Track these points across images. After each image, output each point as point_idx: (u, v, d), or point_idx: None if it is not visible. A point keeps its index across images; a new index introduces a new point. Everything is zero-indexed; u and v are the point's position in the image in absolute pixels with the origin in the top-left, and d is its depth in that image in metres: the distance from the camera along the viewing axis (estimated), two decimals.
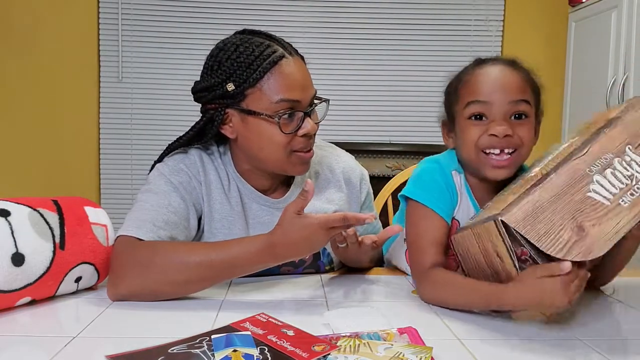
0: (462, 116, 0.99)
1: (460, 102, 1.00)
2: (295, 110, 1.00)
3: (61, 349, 0.70)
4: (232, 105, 1.02)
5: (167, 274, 0.90)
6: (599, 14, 2.48)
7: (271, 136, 1.00)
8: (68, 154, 3.04)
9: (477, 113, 0.97)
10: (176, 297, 0.92)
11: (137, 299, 0.91)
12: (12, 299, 0.84)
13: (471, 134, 0.97)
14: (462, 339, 0.77)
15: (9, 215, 0.84)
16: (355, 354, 0.66)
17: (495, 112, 0.96)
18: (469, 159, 1.00)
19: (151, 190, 1.01)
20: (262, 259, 0.90)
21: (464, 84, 1.00)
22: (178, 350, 0.68)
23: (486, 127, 0.96)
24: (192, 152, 1.07)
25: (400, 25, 3.13)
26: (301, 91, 1.01)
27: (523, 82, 0.98)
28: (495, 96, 0.96)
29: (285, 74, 1.00)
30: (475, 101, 0.97)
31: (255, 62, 0.99)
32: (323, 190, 1.15)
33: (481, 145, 0.97)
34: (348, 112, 3.09)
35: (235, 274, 0.94)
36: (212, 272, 0.90)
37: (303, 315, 0.86)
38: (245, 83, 0.99)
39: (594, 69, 2.48)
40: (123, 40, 3.04)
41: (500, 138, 0.94)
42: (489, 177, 0.99)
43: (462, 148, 1.01)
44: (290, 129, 1.00)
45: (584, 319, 0.89)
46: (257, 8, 3.07)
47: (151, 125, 3.08)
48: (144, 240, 0.93)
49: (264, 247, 0.88)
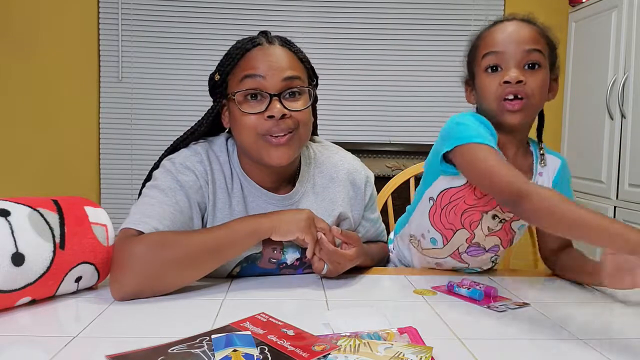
0: (480, 69, 1.06)
1: (478, 56, 1.06)
2: (258, 90, 1.02)
3: (61, 349, 0.70)
4: (221, 94, 1.07)
5: (168, 252, 0.92)
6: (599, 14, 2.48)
7: (240, 118, 1.03)
8: (68, 154, 3.04)
9: (493, 64, 1.04)
10: (181, 285, 0.94)
11: (142, 291, 0.91)
12: (12, 299, 0.84)
13: (489, 85, 1.04)
14: (462, 338, 0.77)
15: (9, 215, 0.84)
16: (355, 354, 0.66)
17: (509, 61, 1.02)
18: (489, 108, 1.06)
19: (158, 186, 1.01)
20: (250, 219, 0.99)
21: (482, 39, 1.08)
22: (178, 350, 0.68)
23: (501, 78, 1.03)
24: (199, 149, 1.07)
25: (400, 25, 3.13)
26: (267, 70, 1.02)
27: (536, 33, 1.05)
28: (508, 46, 1.02)
29: (254, 56, 1.04)
30: (490, 52, 1.04)
31: (235, 51, 1.05)
32: (327, 191, 1.15)
33: (497, 93, 1.03)
34: (348, 112, 3.09)
35: (233, 240, 0.97)
36: (210, 242, 0.95)
37: (303, 315, 0.86)
38: (225, 70, 1.05)
39: (594, 69, 2.48)
40: (123, 40, 3.04)
41: (513, 84, 1.00)
42: (506, 122, 1.04)
43: (482, 101, 1.08)
44: (254, 110, 1.02)
45: (584, 319, 0.89)
46: (257, 8, 3.07)
47: (151, 125, 3.08)
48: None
49: (255, 215, 1.01)
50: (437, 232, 1.14)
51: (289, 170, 1.11)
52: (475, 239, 1.13)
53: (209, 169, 1.05)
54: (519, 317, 0.88)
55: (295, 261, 1.10)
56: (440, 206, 1.12)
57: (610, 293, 1.03)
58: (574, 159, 2.64)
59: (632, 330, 0.85)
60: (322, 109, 1.22)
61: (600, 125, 2.41)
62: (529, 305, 0.93)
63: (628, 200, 2.24)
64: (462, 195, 1.09)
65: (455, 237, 1.13)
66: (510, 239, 1.16)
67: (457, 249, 1.14)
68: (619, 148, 2.30)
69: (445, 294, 0.99)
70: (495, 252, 1.16)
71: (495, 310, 0.90)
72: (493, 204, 1.08)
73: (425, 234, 1.17)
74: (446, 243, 1.14)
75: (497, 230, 1.12)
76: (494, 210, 1.10)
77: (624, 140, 2.27)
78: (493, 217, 1.11)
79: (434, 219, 1.14)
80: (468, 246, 1.14)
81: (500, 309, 0.91)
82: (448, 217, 1.12)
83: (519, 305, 0.93)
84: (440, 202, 1.12)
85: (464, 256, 1.15)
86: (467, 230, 1.12)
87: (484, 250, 1.15)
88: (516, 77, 1.00)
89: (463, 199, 1.09)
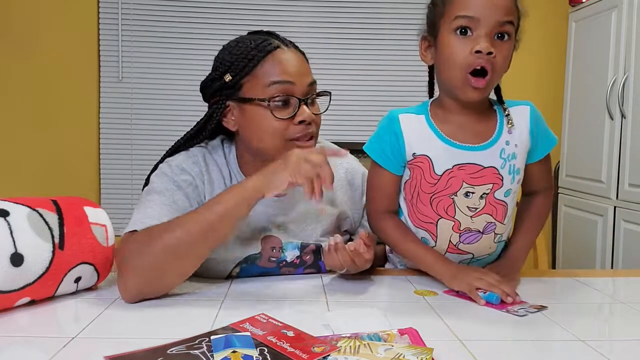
0: (447, 29, 0.99)
1: (446, 15, 0.99)
2: (289, 95, 1.01)
3: (60, 349, 0.70)
4: (231, 96, 1.04)
5: (159, 242, 0.90)
6: (599, 14, 2.48)
7: (266, 123, 1.01)
8: (68, 154, 3.04)
9: (464, 26, 0.97)
10: (182, 276, 0.93)
11: (143, 289, 0.90)
12: (11, 300, 0.84)
13: (456, 49, 0.97)
14: (462, 339, 0.76)
15: (8, 215, 0.84)
16: (355, 355, 0.65)
17: (482, 29, 0.96)
18: (449, 76, 1.00)
19: (155, 189, 1.01)
20: (233, 188, 0.96)
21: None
22: (177, 351, 0.68)
23: (471, 44, 0.96)
24: (195, 151, 1.08)
25: (400, 25, 3.13)
26: (295, 76, 1.02)
27: (512, 3, 0.98)
28: (484, 12, 0.96)
29: (278, 60, 1.02)
30: (464, 15, 0.97)
31: (252, 52, 1.02)
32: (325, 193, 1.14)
33: (466, 62, 0.96)
34: (348, 112, 3.09)
35: (223, 214, 0.93)
36: (201, 221, 0.92)
37: (303, 316, 0.86)
38: (242, 72, 1.02)
39: (594, 69, 2.48)
40: (123, 40, 3.03)
41: (484, 54, 0.95)
42: (465, 97, 0.99)
43: (443, 64, 1.01)
44: (284, 115, 1.01)
45: (584, 319, 0.89)
46: (257, 8, 3.07)
47: (151, 125, 3.08)
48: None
49: (239, 182, 0.98)
50: (421, 229, 1.08)
51: None
52: (463, 225, 1.05)
53: (205, 170, 1.05)
54: (519, 319, 0.87)
55: (295, 259, 1.10)
56: (409, 201, 1.08)
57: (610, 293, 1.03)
58: (574, 159, 2.64)
59: (632, 330, 0.85)
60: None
61: (600, 125, 2.40)
62: (546, 308, 0.91)
63: (628, 200, 2.24)
64: (416, 184, 1.05)
65: (440, 229, 1.06)
66: (503, 211, 1.06)
67: (450, 241, 1.07)
68: (619, 148, 2.30)
69: (445, 294, 0.99)
70: (492, 230, 1.07)
71: (515, 314, 0.88)
72: (455, 183, 1.02)
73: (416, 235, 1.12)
74: (436, 239, 1.08)
75: (481, 207, 1.04)
76: (463, 188, 1.02)
77: (624, 140, 2.27)
78: (466, 195, 1.03)
79: (411, 216, 1.09)
80: (459, 235, 1.06)
81: (520, 313, 0.89)
82: (420, 210, 1.06)
83: (537, 309, 0.90)
84: (410, 199, 1.08)
85: (461, 246, 1.07)
86: (447, 218, 1.04)
87: (479, 233, 1.06)
88: (487, 47, 0.95)
89: (419, 187, 1.05)
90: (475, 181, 1.02)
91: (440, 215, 1.05)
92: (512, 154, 1.03)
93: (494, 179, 1.02)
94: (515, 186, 1.06)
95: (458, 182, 1.02)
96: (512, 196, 1.06)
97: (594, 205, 2.44)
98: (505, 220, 1.07)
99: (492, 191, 1.03)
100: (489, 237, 1.07)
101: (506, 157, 1.03)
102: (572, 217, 2.64)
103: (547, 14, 2.97)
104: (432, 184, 1.03)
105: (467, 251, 1.09)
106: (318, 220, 1.12)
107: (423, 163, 1.03)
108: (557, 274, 1.33)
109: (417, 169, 1.04)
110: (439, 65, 1.03)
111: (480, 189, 1.02)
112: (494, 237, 1.08)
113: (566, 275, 1.17)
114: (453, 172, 1.01)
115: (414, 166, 1.04)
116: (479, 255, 1.10)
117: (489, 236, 1.07)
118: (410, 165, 1.05)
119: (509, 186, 1.04)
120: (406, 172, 1.07)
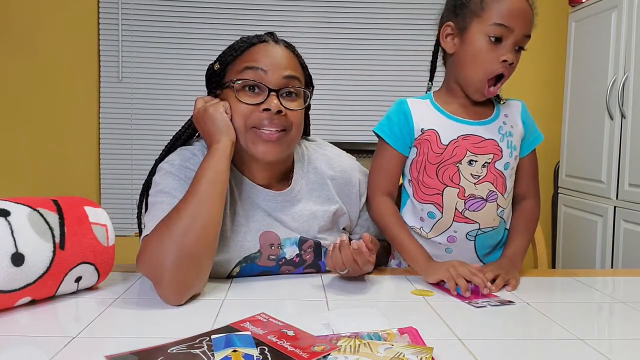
0: (480, 31, 1.06)
1: (485, 17, 1.05)
2: (257, 82, 1.03)
3: (61, 349, 0.70)
4: (217, 84, 1.08)
5: (170, 227, 0.91)
6: (599, 14, 2.48)
7: (234, 106, 1.04)
8: (68, 154, 3.04)
9: (500, 36, 1.04)
10: (210, 248, 0.94)
11: (182, 278, 0.89)
12: (12, 299, 0.84)
13: (486, 54, 1.05)
14: (462, 339, 0.76)
15: (8, 215, 0.84)
16: (355, 354, 0.66)
17: (511, 39, 1.04)
18: (470, 75, 1.09)
19: (163, 190, 1.02)
20: (207, 157, 0.99)
21: (495, 1, 1.05)
22: (178, 350, 0.68)
23: (500, 52, 1.05)
24: (194, 150, 1.08)
25: (400, 25, 3.13)
26: (270, 65, 1.03)
27: (533, 17, 1.06)
28: (517, 24, 1.04)
29: (258, 50, 1.05)
30: (501, 24, 1.03)
31: (239, 44, 1.07)
32: (322, 188, 1.15)
33: (491, 68, 1.05)
34: (348, 112, 3.08)
35: (216, 175, 0.97)
36: (200, 187, 0.95)
37: (303, 316, 0.86)
38: (226, 60, 1.07)
39: (594, 69, 2.48)
40: (123, 40, 3.04)
41: (508, 65, 1.05)
42: (474, 96, 1.11)
43: (466, 61, 1.09)
44: (250, 101, 1.03)
45: (584, 319, 0.89)
46: (257, 8, 3.07)
47: (151, 125, 3.08)
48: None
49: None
50: (427, 203, 1.14)
51: (281, 167, 1.12)
52: (468, 191, 1.11)
53: None
54: (519, 318, 0.88)
55: (295, 257, 1.10)
56: (416, 179, 1.15)
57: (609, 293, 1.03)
58: (574, 159, 2.64)
59: (632, 330, 0.85)
60: (320, 109, 1.23)
61: (600, 125, 2.40)
62: (513, 304, 0.94)
63: (628, 200, 2.24)
64: (423, 158, 1.13)
65: (446, 198, 1.12)
66: (502, 183, 1.13)
67: (456, 209, 1.12)
68: (619, 148, 2.30)
69: (446, 294, 0.99)
70: (494, 199, 1.13)
71: (474, 306, 0.92)
72: (459, 152, 1.10)
73: (423, 215, 1.16)
74: (441, 209, 1.13)
75: (483, 175, 1.11)
76: (467, 157, 1.10)
77: (624, 140, 2.27)
78: (470, 163, 1.11)
79: (416, 195, 1.15)
80: (465, 202, 1.12)
81: (480, 304, 0.93)
82: (426, 184, 1.13)
83: (501, 303, 0.94)
84: (416, 177, 1.15)
85: (467, 214, 1.12)
86: (452, 185, 1.11)
87: (483, 200, 1.12)
88: (512, 59, 1.05)
89: (426, 160, 1.13)
90: (478, 150, 1.11)
91: (445, 184, 1.12)
92: (509, 131, 1.14)
93: (494, 150, 1.12)
94: (512, 162, 1.15)
95: (462, 151, 1.10)
96: (510, 172, 1.15)
97: (594, 205, 2.44)
98: (505, 195, 1.15)
99: (493, 161, 1.12)
100: (492, 205, 1.13)
101: (504, 133, 1.14)
102: (572, 217, 2.64)
103: (547, 14, 2.96)
104: (439, 153, 1.11)
105: (473, 219, 1.14)
106: (315, 217, 1.12)
107: (430, 136, 1.12)
108: (557, 273, 1.34)
109: (424, 142, 1.13)
110: (460, 59, 1.11)
111: (482, 158, 1.11)
112: (497, 209, 1.14)
113: (566, 275, 1.17)
114: (458, 141, 1.11)
115: (422, 140, 1.13)
116: (485, 227, 1.15)
117: (492, 205, 1.13)
118: (417, 141, 1.14)
119: (507, 159, 1.13)
120: (412, 151, 1.15)
